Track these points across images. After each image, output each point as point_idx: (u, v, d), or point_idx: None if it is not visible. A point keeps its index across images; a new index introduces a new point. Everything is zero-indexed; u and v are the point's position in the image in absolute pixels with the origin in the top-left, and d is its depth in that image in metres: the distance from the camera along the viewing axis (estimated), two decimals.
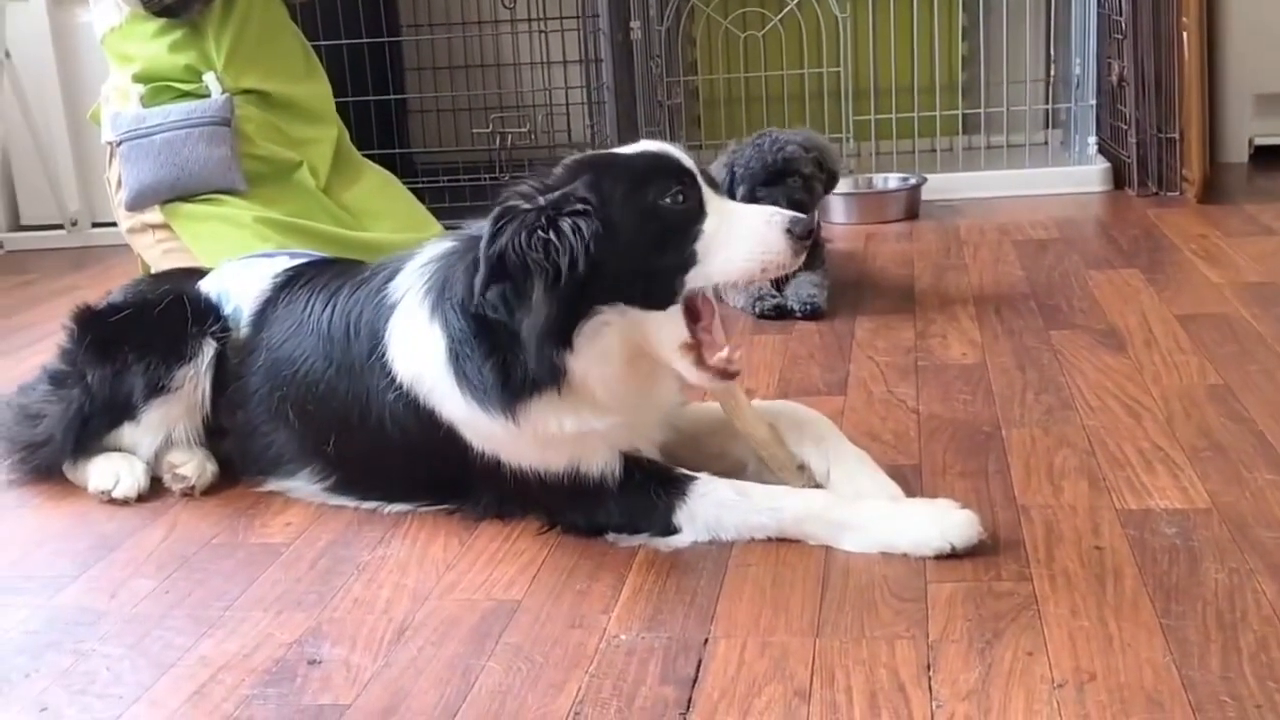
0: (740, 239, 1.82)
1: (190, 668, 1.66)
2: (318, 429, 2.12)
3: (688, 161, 1.87)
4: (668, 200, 1.82)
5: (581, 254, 1.77)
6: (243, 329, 2.25)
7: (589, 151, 1.95)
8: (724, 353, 1.84)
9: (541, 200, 1.81)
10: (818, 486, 1.97)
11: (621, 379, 1.88)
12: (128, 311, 2.29)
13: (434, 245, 2.05)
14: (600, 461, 1.92)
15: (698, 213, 1.83)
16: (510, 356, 1.85)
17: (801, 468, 2.00)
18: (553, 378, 1.84)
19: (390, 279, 2.06)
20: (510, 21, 5.07)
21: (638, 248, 1.81)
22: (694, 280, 1.82)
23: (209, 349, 2.24)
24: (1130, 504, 1.93)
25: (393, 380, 1.99)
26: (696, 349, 1.84)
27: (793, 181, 3.13)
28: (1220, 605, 1.61)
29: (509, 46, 5.12)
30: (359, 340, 2.05)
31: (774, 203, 3.08)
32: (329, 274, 2.24)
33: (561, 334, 1.81)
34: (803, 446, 2.01)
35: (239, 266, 2.41)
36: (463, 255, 1.93)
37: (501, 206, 1.82)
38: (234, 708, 1.56)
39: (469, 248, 1.91)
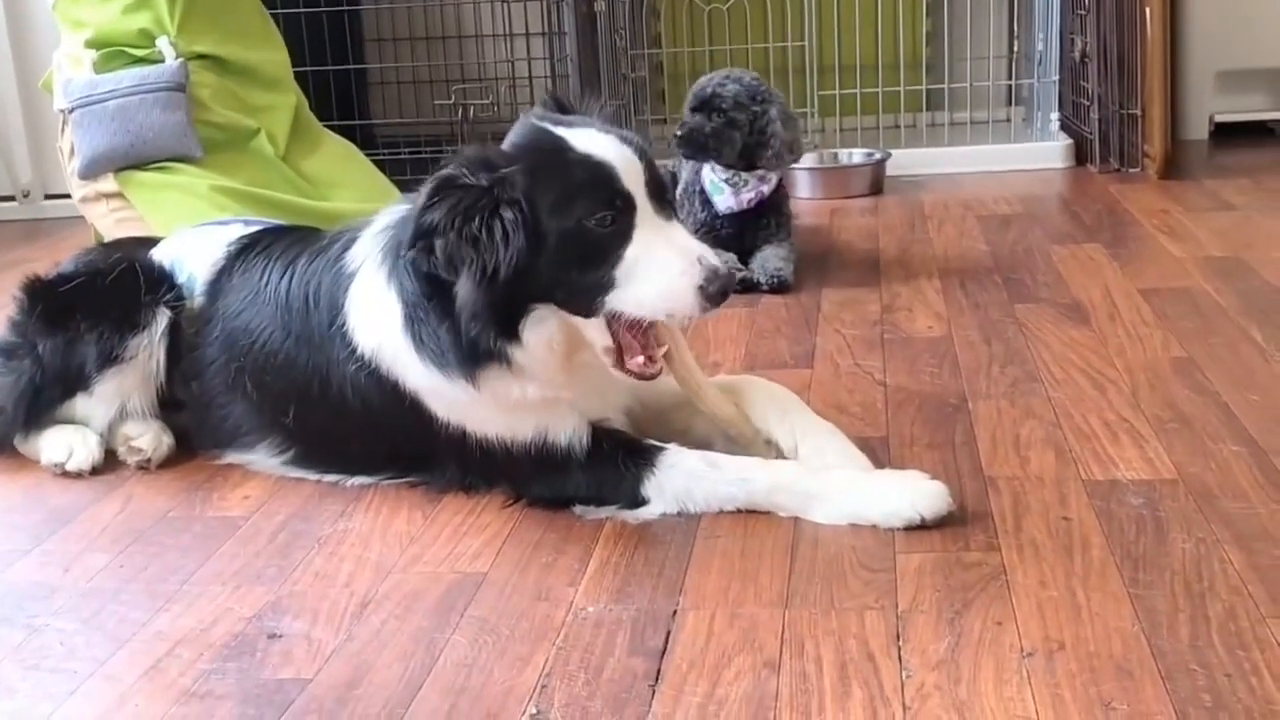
0: (653, 279, 1.77)
1: (146, 642, 1.62)
2: (276, 400, 2.08)
3: (627, 178, 1.77)
4: (593, 223, 1.76)
5: (507, 261, 1.74)
6: (197, 298, 2.21)
7: (544, 124, 1.85)
8: (639, 358, 1.83)
9: (484, 180, 1.75)
10: (784, 459, 1.95)
11: (569, 363, 1.87)
12: (79, 281, 2.23)
13: (389, 212, 2.01)
14: (567, 430, 1.90)
15: (622, 239, 1.77)
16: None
17: (768, 442, 1.98)
18: (496, 358, 1.83)
19: (347, 247, 2.02)
20: None
21: (559, 263, 1.77)
22: (612, 303, 1.79)
23: (163, 318, 2.19)
24: (1097, 475, 1.93)
25: (354, 351, 1.96)
26: (617, 351, 1.83)
27: (716, 117, 3.11)
28: (1188, 575, 1.61)
29: (471, 17, 5.06)
30: (319, 311, 2.02)
31: (690, 130, 3.09)
32: (285, 242, 2.19)
33: (502, 326, 1.81)
34: (769, 421, 1.98)
35: (192, 234, 2.37)
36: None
37: (442, 177, 1.77)
38: (192, 682, 1.52)
39: None
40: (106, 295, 2.20)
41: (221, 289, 2.18)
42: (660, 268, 1.76)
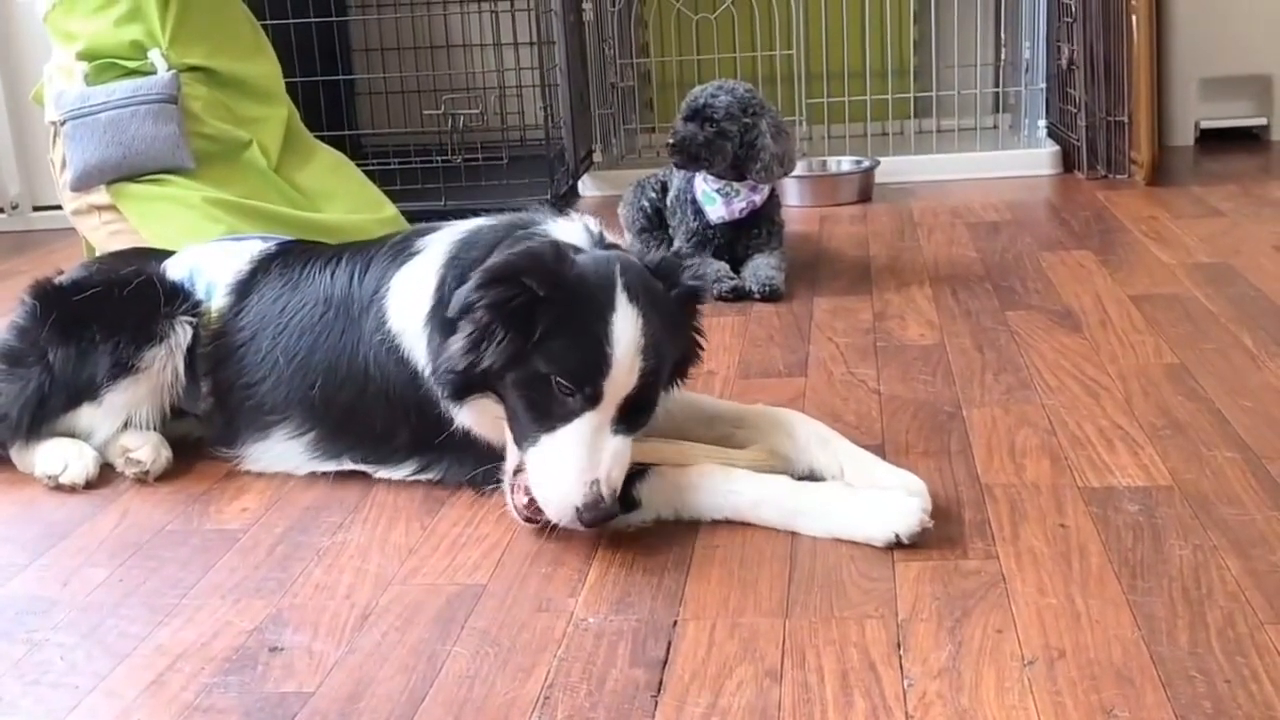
0: (548, 468, 1.78)
1: (147, 656, 1.62)
2: (306, 372, 2.10)
3: (612, 383, 1.76)
4: (557, 384, 1.77)
5: (492, 356, 1.79)
6: (222, 297, 2.23)
7: (621, 281, 1.79)
8: (521, 499, 1.85)
9: (541, 291, 1.76)
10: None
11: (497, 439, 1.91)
12: (95, 290, 2.24)
13: (483, 222, 2.05)
14: None
15: (564, 418, 1.78)
16: None
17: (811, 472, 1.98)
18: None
19: (423, 235, 2.08)
20: (460, 2, 5.02)
21: (519, 386, 1.80)
22: (526, 454, 1.82)
23: (183, 330, 2.21)
24: (1093, 482, 1.94)
25: (383, 325, 2.01)
26: (511, 478, 1.87)
27: (708, 127, 3.13)
28: (1186, 581, 1.62)
29: (458, 27, 5.07)
30: (364, 284, 2.07)
31: (681, 139, 3.11)
32: (328, 246, 2.27)
33: (458, 388, 1.86)
34: (811, 451, 1.97)
35: (208, 248, 2.40)
36: (499, 233, 1.96)
37: (517, 268, 1.78)
38: (194, 696, 1.52)
39: (508, 232, 1.95)
40: (125, 306, 2.21)
41: (255, 285, 2.22)
42: (560, 465, 1.78)
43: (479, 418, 1.92)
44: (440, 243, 2.03)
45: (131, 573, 1.86)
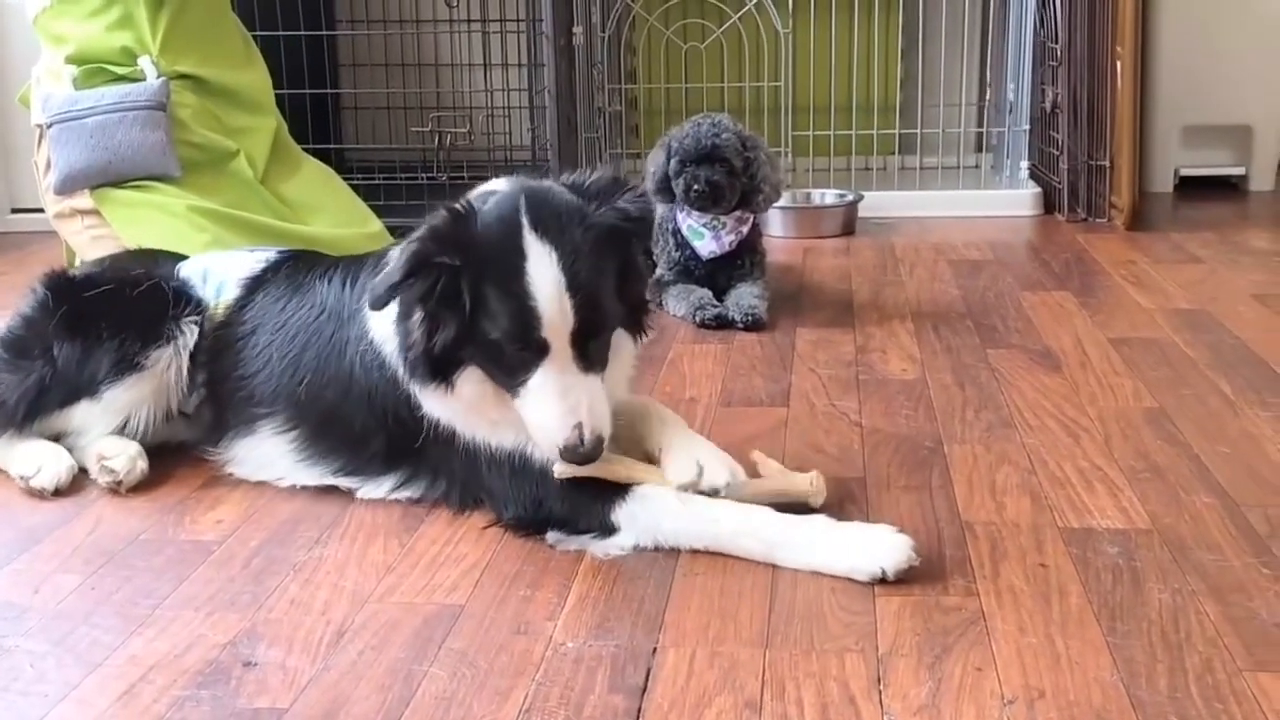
0: (531, 417, 1.84)
1: (119, 667, 1.60)
2: (296, 369, 2.12)
3: (550, 328, 1.79)
4: (511, 349, 1.82)
5: (444, 338, 1.84)
6: (232, 292, 2.26)
7: (523, 219, 1.81)
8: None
9: (455, 261, 1.80)
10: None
11: (499, 411, 1.91)
12: (107, 287, 2.24)
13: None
14: None
15: (527, 370, 1.82)
16: None
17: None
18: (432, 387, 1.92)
19: (396, 246, 2.07)
20: (450, 22, 5.02)
21: (483, 355, 1.86)
22: (518, 405, 1.86)
23: (189, 331, 2.22)
24: (1072, 522, 1.94)
25: (365, 334, 2.04)
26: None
27: (719, 166, 3.15)
28: (1165, 625, 1.62)
29: (448, 46, 5.07)
30: (353, 294, 2.11)
31: (694, 181, 3.12)
32: (332, 257, 2.31)
33: (436, 371, 1.89)
34: (650, 427, 2.00)
35: (223, 255, 2.42)
36: None
37: (419, 255, 1.81)
38: (166, 709, 1.50)
39: None
40: (134, 305, 2.22)
41: (264, 283, 2.25)
42: (540, 413, 1.83)
43: (475, 389, 1.90)
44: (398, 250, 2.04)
45: (104, 581, 1.84)
